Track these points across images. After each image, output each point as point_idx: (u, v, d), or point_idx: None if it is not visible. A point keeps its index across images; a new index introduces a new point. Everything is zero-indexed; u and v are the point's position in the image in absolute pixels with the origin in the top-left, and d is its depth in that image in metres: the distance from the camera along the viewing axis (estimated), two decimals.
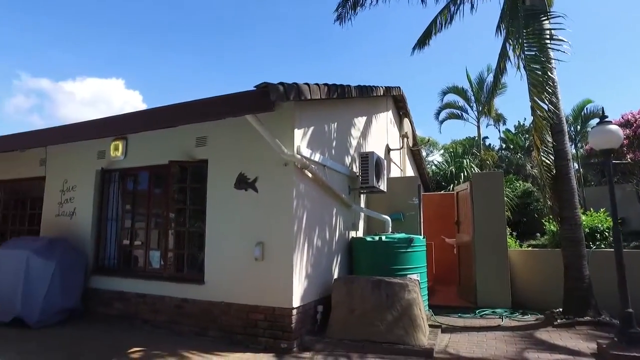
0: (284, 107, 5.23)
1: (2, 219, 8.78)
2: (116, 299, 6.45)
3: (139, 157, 6.70)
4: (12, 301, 6.08)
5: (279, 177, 5.32)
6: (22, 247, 6.39)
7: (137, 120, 5.76)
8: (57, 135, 6.69)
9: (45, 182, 7.76)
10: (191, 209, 6.14)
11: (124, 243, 6.93)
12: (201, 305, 5.63)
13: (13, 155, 8.00)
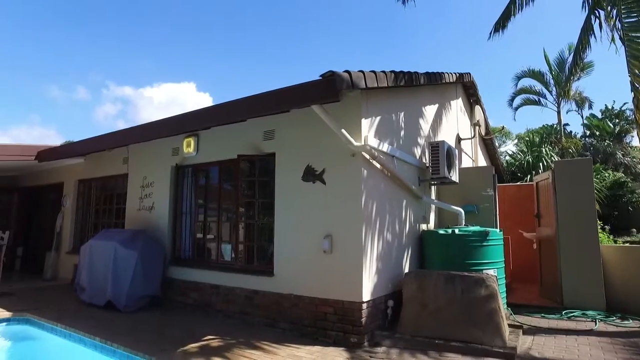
0: (350, 97, 5.12)
1: (95, 213, 9.60)
2: (191, 289, 6.76)
3: (210, 152, 6.94)
4: (104, 287, 6.63)
5: (347, 169, 5.21)
6: (110, 239, 6.93)
7: (207, 116, 5.96)
8: (136, 134, 7.16)
9: (128, 179, 8.34)
10: (260, 202, 6.24)
11: (197, 236, 7.24)
12: (271, 297, 5.70)
13: (102, 155, 8.71)
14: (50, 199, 11.23)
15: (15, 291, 8.10)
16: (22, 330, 6.08)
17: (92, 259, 7.08)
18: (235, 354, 4.55)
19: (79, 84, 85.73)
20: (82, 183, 10.02)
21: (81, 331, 5.31)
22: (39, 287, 8.78)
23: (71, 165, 9.98)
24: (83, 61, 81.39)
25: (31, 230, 11.92)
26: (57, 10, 66.97)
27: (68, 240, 9.89)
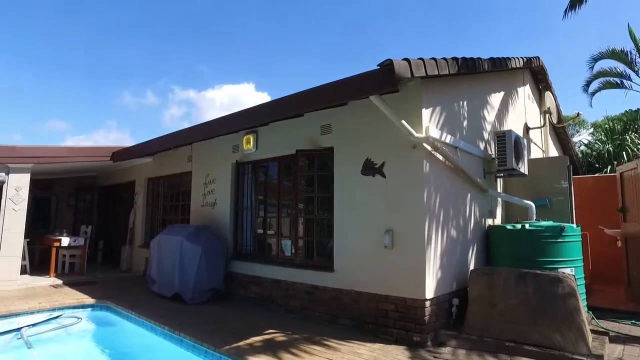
0: (409, 87, 4.93)
1: (163, 209, 10.14)
2: (253, 283, 6.89)
3: (269, 148, 7.02)
4: (172, 279, 6.96)
5: (408, 161, 5.02)
6: (177, 233, 7.25)
7: (265, 112, 6.01)
8: (198, 132, 7.42)
9: (192, 176, 8.69)
10: (319, 197, 6.21)
11: (258, 231, 7.37)
12: (331, 292, 5.65)
13: (168, 154, 9.16)
14: (124, 196, 12.04)
15: (97, 280, 8.77)
16: (103, 315, 6.57)
17: (160, 253, 7.47)
18: (296, 348, 4.55)
19: (148, 90, 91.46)
20: (151, 181, 10.62)
21: (152, 320, 5.60)
22: (116, 277, 9.43)
23: (141, 165, 10.62)
24: (151, 68, 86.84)
25: (109, 226, 12.86)
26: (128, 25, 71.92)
27: (140, 235, 10.53)
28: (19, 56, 63.85)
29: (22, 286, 8.03)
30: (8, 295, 7.19)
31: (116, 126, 78.89)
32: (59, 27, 64.70)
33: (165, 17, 68.90)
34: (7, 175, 8.16)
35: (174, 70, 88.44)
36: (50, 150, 8.97)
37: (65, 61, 69.54)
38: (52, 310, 6.37)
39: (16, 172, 8.26)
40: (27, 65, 65.27)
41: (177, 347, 4.98)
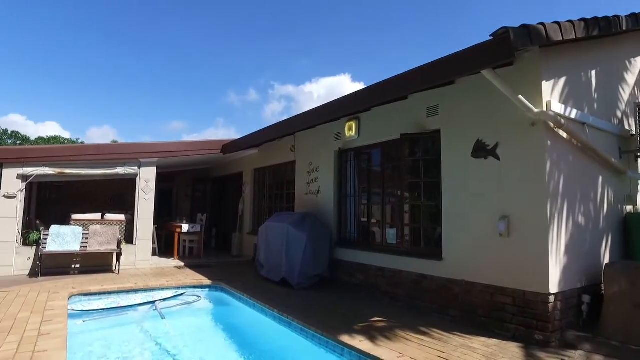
0: (526, 58, 4.43)
1: (269, 198, 10.64)
2: (357, 270, 6.87)
3: (371, 134, 6.90)
4: (279, 265, 7.25)
5: (526, 141, 4.53)
6: (283, 221, 7.52)
7: (367, 96, 5.88)
8: (301, 121, 7.57)
9: (295, 165, 8.94)
10: (425, 182, 5.93)
11: (361, 218, 7.32)
12: (440, 282, 5.38)
13: (273, 145, 9.54)
14: (233, 186, 12.89)
15: (212, 264, 9.52)
16: (219, 296, 7.09)
17: (268, 240, 7.82)
18: (404, 338, 4.41)
19: (251, 87, 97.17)
20: (257, 172, 11.19)
21: (262, 302, 5.88)
22: (228, 262, 10.15)
23: (248, 157, 11.24)
24: (252, 66, 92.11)
25: (221, 214, 13.91)
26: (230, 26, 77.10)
27: (248, 223, 11.19)
28: (147, 66, 72.17)
29: (154, 266, 9.05)
30: (144, 273, 8.16)
31: (223, 123, 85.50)
32: (172, 37, 71.50)
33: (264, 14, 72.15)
34: (139, 169, 9.21)
35: (274, 66, 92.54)
36: (170, 145, 9.93)
37: (180, 67, 76.85)
38: (177, 288, 7.06)
39: (145, 166, 9.28)
40: (150, 73, 73.54)
41: (285, 329, 5.16)
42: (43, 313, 5.06)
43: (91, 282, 7.10)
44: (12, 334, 4.26)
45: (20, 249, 8.01)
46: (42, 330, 4.41)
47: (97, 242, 8.19)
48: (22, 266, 7.96)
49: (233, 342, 5.14)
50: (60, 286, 6.66)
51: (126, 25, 71.09)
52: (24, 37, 65.77)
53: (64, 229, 8.05)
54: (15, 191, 8.02)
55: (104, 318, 5.81)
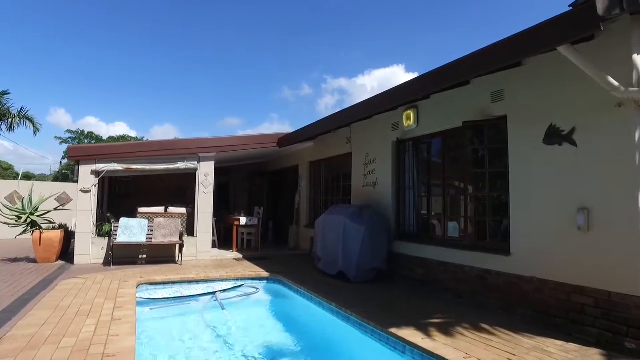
0: (611, 29, 3.95)
1: (325, 191, 10.58)
2: (417, 265, 6.62)
3: (431, 123, 6.59)
4: (336, 258, 7.16)
5: (610, 124, 4.05)
6: (340, 213, 7.41)
7: (426, 82, 5.59)
8: (357, 112, 7.39)
9: (352, 157, 8.78)
10: (491, 172, 5.56)
11: (421, 211, 7.04)
12: (507, 278, 5.02)
13: (328, 137, 9.45)
14: (289, 180, 12.99)
15: (269, 256, 9.64)
16: (276, 288, 7.13)
17: (324, 232, 7.76)
18: (470, 337, 4.14)
19: (303, 82, 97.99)
20: (313, 164, 11.17)
21: (320, 296, 5.81)
22: (285, 254, 10.24)
23: (303, 150, 11.24)
24: (305, 61, 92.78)
25: (277, 207, 14.09)
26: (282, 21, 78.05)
27: (305, 216, 11.22)
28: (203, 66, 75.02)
29: (213, 257, 9.33)
30: (205, 264, 8.43)
31: (277, 118, 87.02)
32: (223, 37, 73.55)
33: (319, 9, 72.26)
34: (198, 163, 9.50)
35: (326, 60, 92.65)
36: (228, 140, 10.15)
37: (234, 64, 79.06)
38: (236, 280, 7.20)
39: (204, 161, 9.56)
40: (205, 72, 76.34)
41: (344, 323, 5.06)
42: (115, 300, 5.33)
43: (156, 272, 7.42)
44: (90, 317, 4.55)
45: (95, 239, 8.56)
46: (115, 315, 4.64)
47: (161, 234, 8.56)
48: (97, 255, 8.51)
49: (291, 334, 5.12)
50: (130, 275, 7.02)
51: (180, 27, 74.19)
52: (98, 49, 70.78)
53: (131, 221, 8.49)
54: (90, 186, 8.56)
55: (168, 307, 6.03)
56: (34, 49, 65.84)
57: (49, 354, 3.51)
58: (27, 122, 22.26)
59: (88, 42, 69.62)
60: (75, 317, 4.59)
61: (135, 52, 74.25)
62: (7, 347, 3.68)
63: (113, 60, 72.71)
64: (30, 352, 3.54)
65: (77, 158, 8.71)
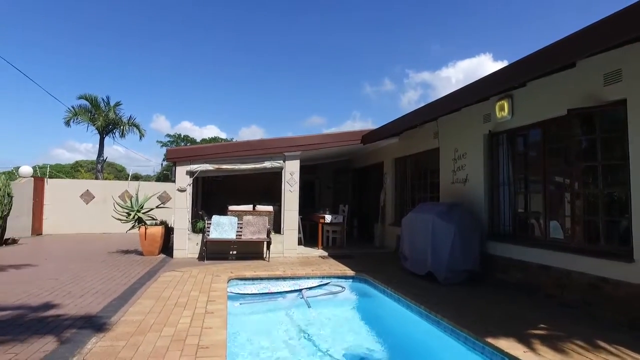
0: None
1: (411, 188, 10.23)
2: (514, 267, 6.06)
3: (528, 113, 5.98)
4: (424, 258, 6.84)
5: None
6: (428, 212, 7.07)
7: (523, 68, 5.06)
8: (444, 105, 6.99)
9: (439, 153, 8.35)
10: (604, 165, 4.88)
11: (518, 209, 6.44)
12: (629, 289, 4.35)
13: (413, 132, 9.10)
14: (373, 177, 12.80)
15: (354, 255, 9.55)
16: (362, 287, 7.02)
17: (411, 231, 7.46)
18: (580, 355, 3.63)
19: (385, 77, 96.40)
20: (398, 161, 10.85)
21: (407, 297, 5.58)
22: (370, 253, 10.08)
23: (388, 146, 10.97)
24: (385, 56, 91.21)
25: (362, 205, 13.98)
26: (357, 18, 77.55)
27: (390, 214, 10.95)
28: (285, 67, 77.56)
29: (299, 255, 9.49)
30: (291, 261, 8.60)
31: (360, 116, 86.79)
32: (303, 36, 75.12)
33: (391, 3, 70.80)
34: (284, 162, 9.73)
35: (407, 54, 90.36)
36: (312, 138, 10.23)
37: (319, 63, 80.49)
38: (322, 278, 7.21)
39: (290, 159, 9.76)
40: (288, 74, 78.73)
41: (433, 327, 4.78)
42: (208, 293, 5.62)
43: (245, 267, 7.73)
44: (187, 309, 4.84)
45: (191, 236, 9.18)
46: (208, 308, 4.88)
47: (249, 231, 8.91)
48: (193, 250, 9.11)
49: (377, 336, 4.96)
50: (221, 270, 7.39)
51: (266, 31, 77.22)
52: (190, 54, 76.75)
53: (222, 218, 8.95)
54: (185, 185, 9.19)
55: (256, 302, 6.23)
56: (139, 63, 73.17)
57: (152, 341, 3.78)
58: (135, 128, 24.80)
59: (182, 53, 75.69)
60: (174, 307, 4.91)
61: (224, 57, 79.11)
62: (121, 330, 4.07)
63: (205, 67, 78.15)
64: (139, 337, 3.85)
65: (173, 160, 9.41)
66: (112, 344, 3.67)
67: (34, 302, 5.07)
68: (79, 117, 23.02)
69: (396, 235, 9.50)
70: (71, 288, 5.87)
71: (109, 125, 23.87)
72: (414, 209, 7.92)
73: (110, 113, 23.47)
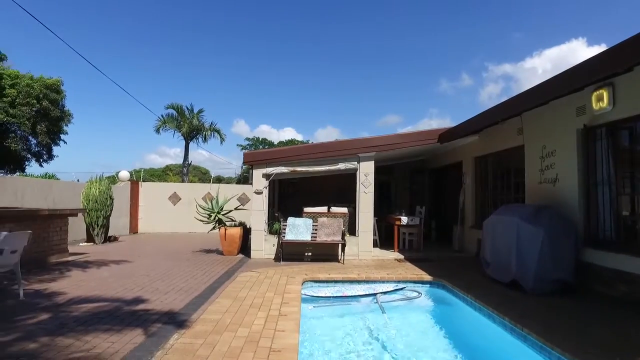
0: None
1: (493, 188, 9.58)
2: (617, 279, 5.38)
3: (634, 103, 5.26)
4: (508, 264, 6.34)
5: None
6: (512, 214, 6.54)
7: (628, 50, 4.43)
8: (529, 99, 6.40)
9: (524, 150, 7.70)
10: None
11: (622, 212, 5.69)
12: None
13: (494, 129, 8.50)
14: (452, 177, 12.20)
15: (432, 258, 9.17)
16: (439, 294, 6.70)
17: (494, 235, 6.95)
18: None
19: (463, 72, 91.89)
20: (478, 160, 10.22)
21: (490, 307, 5.18)
22: (448, 256, 9.61)
23: (467, 144, 10.38)
24: (462, 50, 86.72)
25: (440, 206, 13.40)
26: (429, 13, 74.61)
27: (470, 215, 10.34)
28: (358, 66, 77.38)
29: (375, 257, 9.32)
30: (366, 264, 8.48)
31: (437, 113, 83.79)
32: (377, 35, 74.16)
33: None
34: (358, 163, 9.63)
35: (485, 46, 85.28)
36: (386, 138, 10.00)
37: (395, 61, 79.22)
38: (397, 283, 6.99)
39: (364, 160, 9.63)
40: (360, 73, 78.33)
41: (519, 342, 4.37)
42: (283, 295, 5.70)
43: (320, 270, 7.74)
44: (261, 311, 4.94)
45: (267, 237, 9.44)
46: (282, 311, 4.94)
47: (324, 233, 8.93)
48: (269, 251, 9.36)
49: (455, 347, 4.65)
50: (296, 271, 7.48)
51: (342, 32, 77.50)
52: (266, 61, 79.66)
53: (297, 220, 9.07)
54: (262, 187, 9.48)
55: (330, 306, 6.19)
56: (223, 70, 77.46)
57: (228, 341, 3.90)
58: (216, 133, 26.33)
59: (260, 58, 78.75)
60: (249, 308, 5.04)
61: (300, 61, 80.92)
62: (200, 328, 4.26)
63: (279, 70, 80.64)
64: (216, 336, 4.00)
65: (250, 163, 9.74)
66: (191, 341, 3.84)
67: (128, 296, 5.54)
68: (167, 125, 25.06)
69: (477, 238, 8.95)
70: (159, 285, 6.30)
71: (193, 132, 25.66)
72: (497, 210, 7.38)
73: (194, 120, 25.22)
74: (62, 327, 4.22)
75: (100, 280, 6.63)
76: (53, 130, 22.57)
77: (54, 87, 21.17)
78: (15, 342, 3.78)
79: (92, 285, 6.23)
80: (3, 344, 3.74)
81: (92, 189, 12.03)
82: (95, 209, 11.79)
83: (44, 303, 5.17)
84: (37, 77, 20.80)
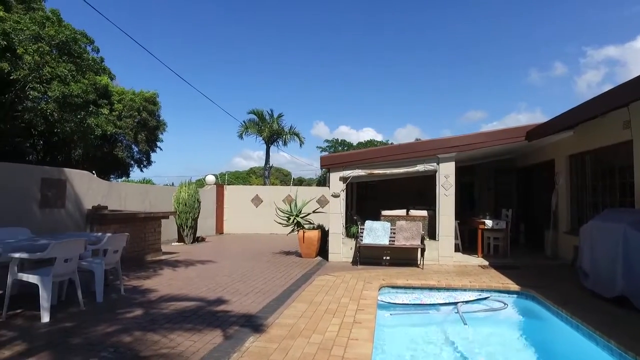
0: None
1: (592, 190, 8.61)
2: None
3: None
4: (611, 277, 5.60)
5: None
6: (618, 220, 5.77)
7: None
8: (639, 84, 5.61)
9: (633, 146, 6.79)
10: None
11: None
12: None
13: (593, 123, 7.64)
14: (542, 177, 11.21)
15: (520, 265, 8.48)
16: (528, 306, 6.15)
17: (593, 243, 6.21)
18: None
19: (555, 61, 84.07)
20: (574, 158, 9.25)
21: (590, 326, 4.61)
22: (539, 264, 8.81)
23: (560, 141, 9.44)
24: (554, 35, 79.16)
25: (529, 208, 12.38)
26: None
27: (565, 219, 9.39)
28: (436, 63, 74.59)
29: (456, 263, 8.86)
30: (446, 270, 8.09)
31: (526, 107, 77.79)
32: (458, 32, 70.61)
33: None
34: (437, 165, 9.24)
35: (582, 28, 77.12)
36: (467, 138, 9.46)
37: (477, 55, 75.18)
38: (480, 291, 6.56)
39: (444, 162, 9.22)
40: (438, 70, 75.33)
41: None
42: (358, 301, 5.63)
43: (398, 275, 7.53)
44: (336, 317, 4.90)
45: (345, 240, 9.43)
46: (356, 318, 4.86)
47: (403, 237, 8.69)
48: (347, 254, 9.34)
49: None
50: (373, 276, 7.35)
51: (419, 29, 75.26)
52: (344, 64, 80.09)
53: (375, 224, 8.93)
54: (339, 191, 9.49)
55: (407, 314, 5.98)
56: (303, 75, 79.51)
57: (301, 346, 3.92)
58: (295, 137, 27.07)
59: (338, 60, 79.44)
60: (324, 314, 5.03)
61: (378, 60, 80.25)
62: (275, 332, 4.33)
63: (358, 69, 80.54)
64: (289, 342, 4.04)
65: (327, 166, 9.81)
66: (266, 346, 3.92)
67: (211, 296, 5.85)
68: (249, 130, 26.35)
69: (573, 245, 8.08)
70: (239, 286, 6.58)
71: (273, 135, 26.64)
72: (598, 216, 6.60)
73: (274, 124, 26.21)
74: (152, 323, 4.58)
75: (188, 279, 7.10)
76: (151, 138, 24.80)
77: (151, 99, 23.24)
78: (116, 333, 4.21)
79: (180, 284, 6.69)
80: (108, 334, 4.20)
81: (182, 192, 12.98)
82: (185, 211, 12.70)
83: (139, 299, 5.67)
84: (138, 92, 23.02)
